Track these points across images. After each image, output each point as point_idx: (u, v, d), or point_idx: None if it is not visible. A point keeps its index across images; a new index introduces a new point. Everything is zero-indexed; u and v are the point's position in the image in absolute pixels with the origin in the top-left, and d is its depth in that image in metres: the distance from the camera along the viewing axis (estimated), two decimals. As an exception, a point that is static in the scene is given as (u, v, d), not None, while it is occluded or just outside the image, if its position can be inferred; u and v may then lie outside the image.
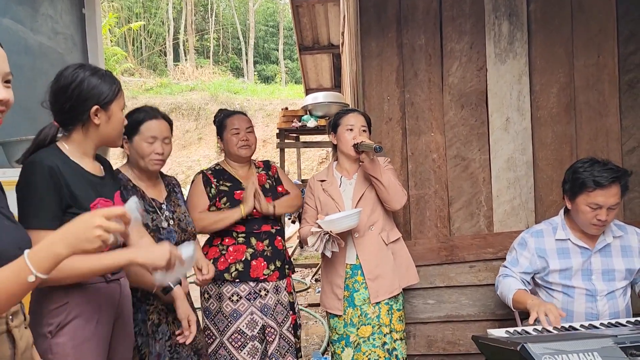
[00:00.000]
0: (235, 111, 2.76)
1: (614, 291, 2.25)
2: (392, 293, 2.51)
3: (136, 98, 15.97)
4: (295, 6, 7.62)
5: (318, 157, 14.13)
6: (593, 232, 2.22)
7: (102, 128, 1.71)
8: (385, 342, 2.50)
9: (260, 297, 2.56)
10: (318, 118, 5.98)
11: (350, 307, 2.53)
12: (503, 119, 2.89)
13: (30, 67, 2.76)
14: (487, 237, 2.91)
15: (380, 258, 2.52)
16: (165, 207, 2.26)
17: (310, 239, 2.41)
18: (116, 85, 1.73)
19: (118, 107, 1.73)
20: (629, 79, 2.87)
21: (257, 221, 2.60)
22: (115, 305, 1.74)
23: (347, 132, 2.54)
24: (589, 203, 2.15)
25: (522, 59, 2.88)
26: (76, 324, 1.59)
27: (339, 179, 2.63)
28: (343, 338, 2.53)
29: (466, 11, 2.90)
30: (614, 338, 1.71)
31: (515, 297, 2.23)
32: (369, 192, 2.53)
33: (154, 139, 2.17)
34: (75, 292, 1.61)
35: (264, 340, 2.56)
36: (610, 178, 2.11)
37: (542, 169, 2.90)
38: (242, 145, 2.62)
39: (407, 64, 2.93)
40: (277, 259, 2.62)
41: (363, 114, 2.62)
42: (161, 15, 23.80)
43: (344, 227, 2.36)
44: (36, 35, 2.85)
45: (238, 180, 2.65)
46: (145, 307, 2.15)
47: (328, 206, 2.58)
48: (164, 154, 2.20)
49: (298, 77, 21.73)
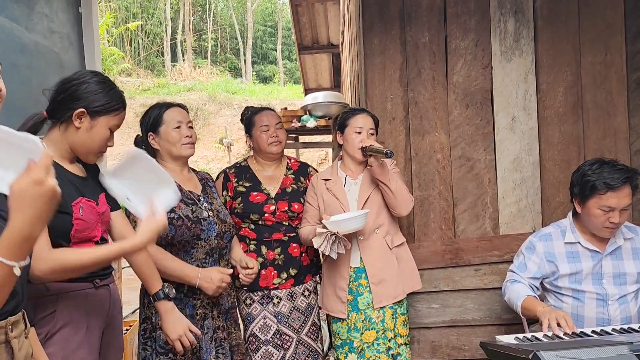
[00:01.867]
0: (263, 107, 2.72)
1: (625, 295, 2.19)
2: (396, 298, 2.45)
3: (133, 98, 15.92)
4: (294, 5, 7.57)
5: (317, 157, 14.09)
6: (606, 235, 2.16)
7: (81, 134, 1.66)
8: (390, 347, 2.44)
9: (274, 304, 2.52)
10: (318, 118, 5.92)
11: (354, 311, 2.47)
12: (509, 119, 2.83)
13: (25, 67, 2.70)
14: (493, 239, 2.85)
15: (384, 262, 2.46)
16: (203, 199, 2.26)
17: (316, 240, 2.34)
18: (116, 103, 1.70)
19: (107, 123, 1.69)
20: (637, 76, 2.81)
21: (267, 229, 2.54)
22: (105, 311, 1.70)
23: (355, 135, 2.48)
24: (601, 206, 2.09)
25: (529, 56, 2.82)
26: (65, 333, 1.55)
27: (344, 178, 2.57)
28: (347, 343, 2.47)
29: (471, 8, 2.84)
30: (630, 345, 1.65)
31: (524, 304, 2.16)
32: (375, 194, 2.47)
33: (179, 123, 2.22)
34: (63, 299, 1.57)
35: (280, 345, 2.51)
36: (621, 179, 2.05)
37: (549, 170, 2.84)
38: (272, 141, 2.58)
39: (410, 62, 2.87)
40: (291, 267, 2.55)
41: (371, 115, 2.56)
42: (159, 15, 23.74)
43: (351, 228, 2.30)
44: (31, 34, 2.78)
45: (259, 180, 2.60)
46: (193, 301, 2.16)
47: (332, 206, 2.51)
48: (192, 137, 2.25)
49: (296, 78, 21.71)
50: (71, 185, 1.64)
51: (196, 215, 2.17)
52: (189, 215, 2.14)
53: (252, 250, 2.52)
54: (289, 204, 2.56)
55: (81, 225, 1.59)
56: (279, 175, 2.65)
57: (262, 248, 2.52)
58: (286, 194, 2.59)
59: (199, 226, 2.15)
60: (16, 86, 1.79)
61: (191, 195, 2.23)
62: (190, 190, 2.25)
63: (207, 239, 2.18)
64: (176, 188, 1.70)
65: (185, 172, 2.31)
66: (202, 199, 2.26)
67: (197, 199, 2.23)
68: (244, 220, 2.54)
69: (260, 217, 2.52)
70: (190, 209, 2.17)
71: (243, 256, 2.44)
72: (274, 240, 2.54)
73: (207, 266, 2.19)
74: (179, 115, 2.24)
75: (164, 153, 2.25)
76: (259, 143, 2.60)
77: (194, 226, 2.13)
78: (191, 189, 2.26)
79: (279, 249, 2.54)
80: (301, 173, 2.71)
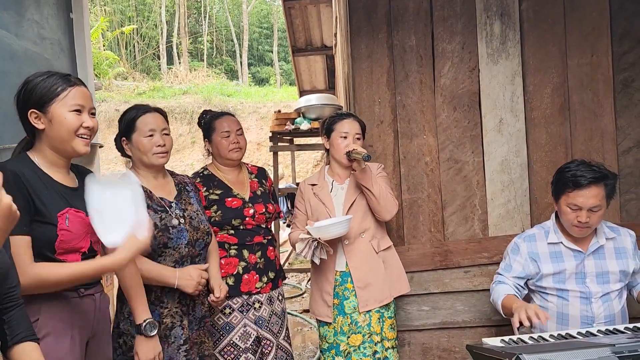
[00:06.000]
0: (224, 112, 2.67)
1: (608, 293, 2.21)
2: (382, 302, 2.45)
3: (129, 102, 15.88)
4: (287, 8, 7.58)
5: (313, 159, 14.06)
6: (576, 233, 2.19)
7: (48, 132, 1.63)
8: (376, 350, 2.45)
9: (254, 309, 2.50)
10: (311, 120, 5.93)
11: (340, 315, 2.47)
12: (496, 121, 2.85)
13: (16, 74, 2.69)
14: (482, 241, 2.86)
15: (370, 266, 2.46)
16: (175, 206, 2.20)
17: (299, 246, 2.35)
18: (57, 85, 1.63)
19: (62, 107, 1.62)
20: (623, 78, 2.82)
21: (249, 232, 2.52)
22: (90, 321, 1.68)
23: (341, 140, 2.49)
24: (568, 203, 2.13)
25: (515, 59, 2.84)
26: (48, 342, 1.53)
27: (331, 183, 2.57)
28: (333, 347, 2.48)
29: (457, 11, 2.86)
30: (612, 347, 1.66)
31: (504, 302, 2.19)
32: (360, 198, 2.48)
33: (152, 131, 2.13)
34: (46, 308, 1.55)
35: (258, 351, 2.50)
36: (589, 179, 2.07)
37: (537, 171, 2.85)
38: (233, 148, 2.54)
39: (398, 66, 2.88)
40: (270, 270, 2.55)
41: (358, 120, 2.56)
42: (154, 18, 23.72)
43: (332, 234, 2.30)
44: (21, 41, 2.78)
45: (229, 186, 2.56)
46: (159, 310, 2.11)
47: (319, 211, 2.52)
48: (166, 145, 2.16)
49: (293, 79, 21.64)
50: (58, 195, 1.62)
51: (164, 223, 2.12)
52: (156, 223, 2.09)
53: (233, 255, 2.49)
54: (264, 206, 2.56)
55: (66, 236, 1.58)
56: (245, 180, 2.63)
57: (244, 252, 2.50)
58: (258, 197, 2.58)
59: (166, 234, 2.10)
60: (6, 94, 1.80)
61: (162, 202, 2.17)
62: (162, 197, 2.19)
63: (176, 247, 2.13)
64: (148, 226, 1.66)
65: (159, 178, 2.24)
66: (175, 205, 2.20)
67: (167, 206, 2.18)
68: (222, 227, 2.51)
69: (241, 221, 2.50)
70: (159, 216, 2.12)
71: (212, 279, 2.33)
72: (255, 243, 2.52)
73: None
74: (153, 123, 2.15)
75: (135, 160, 2.19)
76: (219, 149, 2.55)
77: (160, 234, 2.08)
78: (163, 195, 2.20)
79: (259, 252, 2.53)
80: (262, 176, 2.71)
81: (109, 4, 21.35)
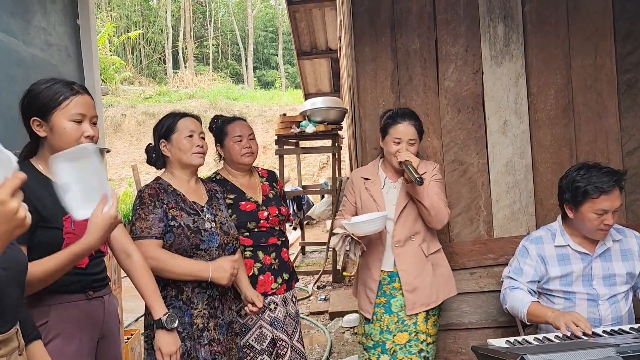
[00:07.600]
0: (235, 117, 2.71)
1: (615, 295, 2.22)
2: (429, 306, 2.43)
3: (135, 107, 15.97)
4: (292, 11, 7.63)
5: (319, 162, 14.07)
6: (600, 237, 2.20)
7: (50, 139, 1.65)
8: (422, 349, 2.43)
9: (270, 310, 2.52)
10: (317, 123, 5.95)
11: (386, 313, 2.46)
12: (501, 122, 2.85)
13: (23, 80, 2.72)
14: (488, 242, 2.87)
15: (419, 270, 2.45)
16: (207, 210, 2.27)
17: (333, 239, 2.35)
18: (60, 94, 1.63)
19: (62, 116, 1.63)
20: (627, 78, 2.82)
21: (264, 234, 2.55)
22: (99, 323, 1.70)
23: (393, 145, 2.44)
24: (595, 210, 2.12)
25: (519, 60, 2.84)
26: (57, 344, 1.55)
27: (383, 179, 2.56)
28: (379, 345, 2.47)
29: (460, 14, 2.87)
30: (617, 347, 1.67)
31: (531, 310, 2.17)
32: (413, 202, 2.44)
33: (192, 132, 2.25)
34: (56, 310, 1.57)
35: (273, 353, 2.52)
36: (612, 182, 2.10)
37: (542, 172, 2.86)
38: (245, 152, 2.57)
39: (401, 69, 2.90)
40: (284, 271, 2.58)
41: (414, 121, 2.47)
42: (160, 23, 23.86)
43: (367, 231, 2.28)
44: (29, 48, 2.81)
45: (242, 190, 2.59)
46: (191, 310, 2.15)
47: (368, 206, 2.50)
48: (203, 147, 2.28)
49: (298, 82, 21.71)
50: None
51: (197, 225, 2.18)
52: (189, 225, 2.16)
53: (249, 256, 2.53)
54: (277, 208, 2.59)
55: (72, 239, 1.59)
56: (257, 183, 2.67)
57: (259, 253, 2.54)
58: (270, 200, 2.62)
59: (198, 236, 2.16)
60: (13, 100, 1.82)
61: (194, 206, 2.24)
62: (194, 201, 2.26)
63: (208, 249, 2.18)
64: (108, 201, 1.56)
65: (192, 183, 2.32)
66: (206, 210, 2.26)
67: (200, 210, 2.24)
68: (238, 231, 2.53)
69: (256, 224, 2.53)
70: (192, 219, 2.19)
71: (249, 291, 2.38)
72: (270, 244, 2.56)
73: None
74: (192, 125, 2.27)
75: (173, 160, 2.27)
76: (231, 153, 2.59)
77: (193, 236, 2.14)
78: (196, 199, 2.27)
79: (274, 254, 2.56)
80: (272, 179, 2.75)
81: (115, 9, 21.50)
